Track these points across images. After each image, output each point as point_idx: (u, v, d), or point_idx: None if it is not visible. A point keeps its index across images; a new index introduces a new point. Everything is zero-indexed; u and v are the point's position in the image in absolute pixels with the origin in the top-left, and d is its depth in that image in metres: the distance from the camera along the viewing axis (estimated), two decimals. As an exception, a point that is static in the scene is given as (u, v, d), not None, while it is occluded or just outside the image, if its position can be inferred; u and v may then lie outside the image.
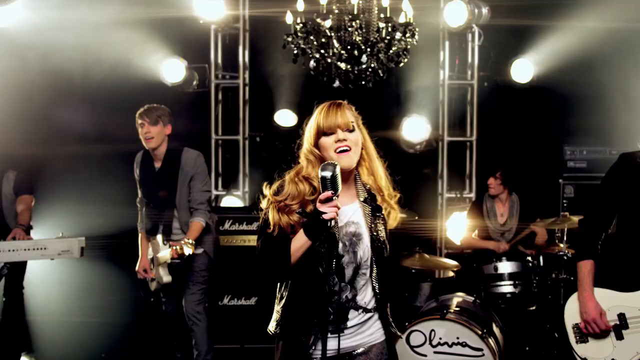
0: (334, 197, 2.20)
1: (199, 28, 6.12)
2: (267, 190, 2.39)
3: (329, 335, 2.33)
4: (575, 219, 4.61)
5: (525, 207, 5.19)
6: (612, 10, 5.31)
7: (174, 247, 3.92)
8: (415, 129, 5.98)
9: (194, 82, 6.25)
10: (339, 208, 2.23)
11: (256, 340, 4.90)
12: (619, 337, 2.94)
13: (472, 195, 6.26)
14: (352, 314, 2.38)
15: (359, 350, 2.43)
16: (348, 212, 2.41)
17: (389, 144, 6.08)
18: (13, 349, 4.93)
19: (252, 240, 5.14)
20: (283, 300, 2.41)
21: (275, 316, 2.44)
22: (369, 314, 2.42)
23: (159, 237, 4.24)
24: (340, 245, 2.36)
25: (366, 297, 2.41)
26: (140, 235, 4.45)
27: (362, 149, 2.42)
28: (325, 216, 2.19)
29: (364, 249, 2.40)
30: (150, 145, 4.23)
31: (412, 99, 6.20)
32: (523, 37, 5.94)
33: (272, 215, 2.33)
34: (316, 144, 2.38)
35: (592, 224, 3.06)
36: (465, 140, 6.32)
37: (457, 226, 5.95)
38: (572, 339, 3.03)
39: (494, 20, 5.92)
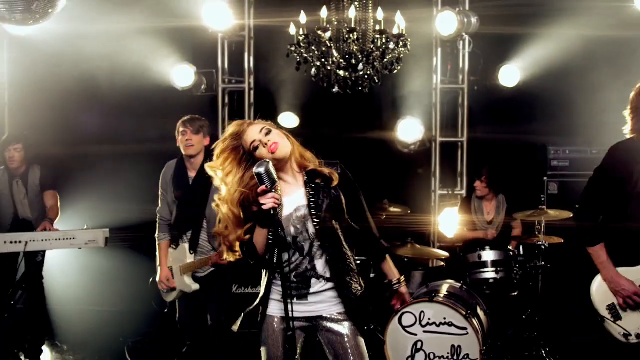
0: (273, 190, 2.44)
1: (207, 36, 6.35)
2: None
3: (295, 301, 2.63)
4: (552, 212, 4.97)
5: (511, 204, 5.51)
6: (590, 20, 5.57)
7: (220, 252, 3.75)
8: (409, 130, 6.15)
9: (203, 87, 6.49)
10: (277, 198, 2.48)
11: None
12: None
13: (463, 192, 6.46)
14: (313, 281, 2.70)
15: (322, 317, 2.72)
16: (295, 200, 2.70)
17: (385, 144, 6.37)
18: (37, 335, 5.18)
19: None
20: (264, 282, 2.78)
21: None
22: (330, 284, 2.71)
23: (186, 246, 4.12)
24: (293, 229, 2.66)
25: (324, 267, 2.70)
26: (159, 246, 4.24)
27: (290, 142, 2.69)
28: (265, 207, 2.46)
29: (312, 226, 2.69)
30: (190, 152, 4.13)
31: (406, 103, 6.39)
32: (510, 44, 6.16)
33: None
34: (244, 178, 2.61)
35: (592, 211, 3.24)
36: (456, 140, 6.49)
37: (448, 221, 6.16)
38: (609, 318, 3.21)
39: (483, 29, 6.09)
